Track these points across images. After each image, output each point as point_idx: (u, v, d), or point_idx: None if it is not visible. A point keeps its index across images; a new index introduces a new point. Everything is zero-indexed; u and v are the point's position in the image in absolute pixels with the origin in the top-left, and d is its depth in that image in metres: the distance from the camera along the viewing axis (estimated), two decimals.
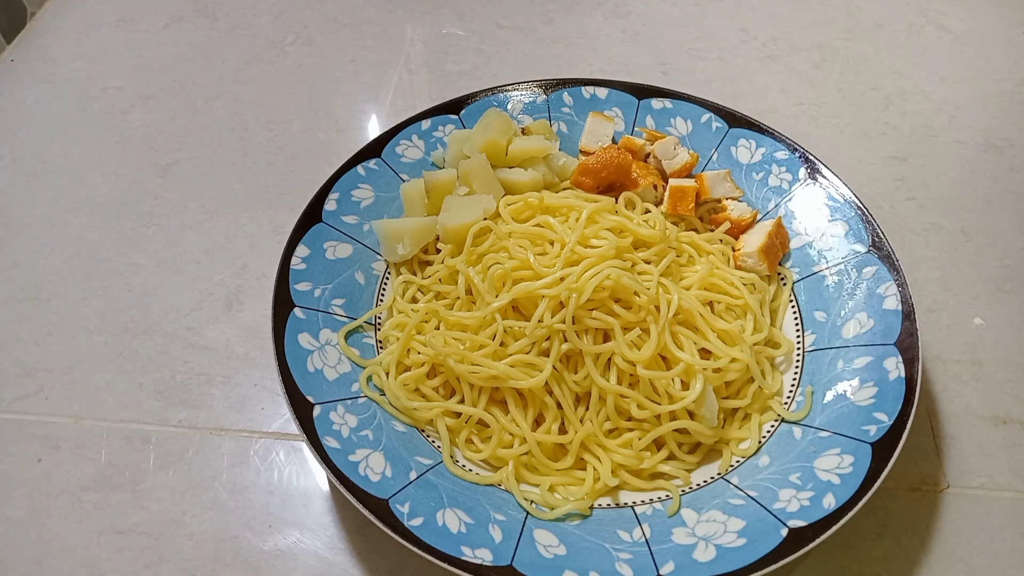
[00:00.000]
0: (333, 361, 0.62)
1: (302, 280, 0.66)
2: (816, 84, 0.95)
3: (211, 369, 0.69)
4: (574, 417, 0.61)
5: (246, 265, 0.77)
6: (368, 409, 0.61)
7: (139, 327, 0.72)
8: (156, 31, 1.01)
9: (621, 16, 1.03)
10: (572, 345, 0.61)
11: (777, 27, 1.02)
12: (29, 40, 1.00)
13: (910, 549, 0.59)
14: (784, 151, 0.74)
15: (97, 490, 0.62)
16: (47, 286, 0.75)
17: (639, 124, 0.79)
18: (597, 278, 0.61)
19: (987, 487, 0.63)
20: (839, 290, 0.66)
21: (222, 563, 0.59)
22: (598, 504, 0.58)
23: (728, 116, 0.77)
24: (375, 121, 0.91)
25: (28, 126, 0.90)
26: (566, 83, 0.81)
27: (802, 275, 0.69)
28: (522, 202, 0.70)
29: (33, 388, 0.68)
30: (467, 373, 0.61)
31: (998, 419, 0.67)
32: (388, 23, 1.02)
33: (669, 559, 0.53)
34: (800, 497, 0.54)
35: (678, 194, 0.72)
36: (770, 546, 0.52)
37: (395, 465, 0.57)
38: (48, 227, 0.80)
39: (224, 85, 0.94)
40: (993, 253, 0.78)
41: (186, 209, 0.82)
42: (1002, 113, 0.92)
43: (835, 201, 0.71)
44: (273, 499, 0.62)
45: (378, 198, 0.73)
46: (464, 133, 0.77)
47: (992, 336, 0.72)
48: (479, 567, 0.51)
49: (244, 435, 0.66)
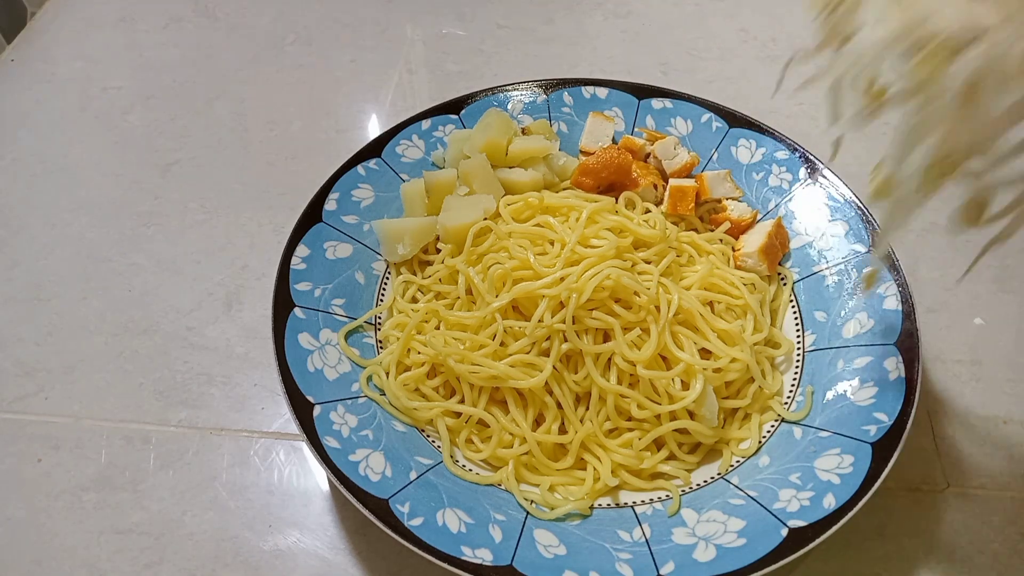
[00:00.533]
0: (333, 361, 0.62)
1: (302, 280, 0.66)
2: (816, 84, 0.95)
3: (211, 369, 0.69)
4: (574, 417, 0.61)
5: (246, 265, 0.77)
6: (368, 409, 0.61)
7: (139, 327, 0.72)
8: (156, 31, 1.01)
9: (621, 16, 1.03)
10: (572, 345, 0.61)
11: (777, 27, 1.02)
12: (29, 40, 1.00)
13: (910, 549, 0.59)
14: (784, 151, 0.74)
15: (97, 490, 0.62)
16: (47, 286, 0.75)
17: (639, 124, 0.79)
18: (597, 278, 0.61)
19: (987, 487, 0.63)
20: (839, 290, 0.66)
21: (222, 563, 0.59)
22: (598, 504, 0.58)
23: (728, 116, 0.77)
24: (375, 121, 0.91)
25: (28, 126, 0.90)
26: (566, 83, 0.81)
27: (802, 275, 0.69)
28: (522, 202, 0.70)
29: (33, 388, 0.68)
30: (467, 373, 0.61)
31: (998, 419, 0.67)
32: (388, 23, 1.02)
33: (669, 559, 0.53)
34: (800, 497, 0.54)
35: (678, 194, 0.72)
36: (770, 546, 0.52)
37: (395, 465, 0.57)
38: (48, 227, 0.80)
39: (224, 85, 0.94)
40: (993, 253, 0.78)
41: (186, 209, 0.82)
42: None
43: (835, 201, 0.71)
44: (273, 499, 0.62)
45: (378, 198, 0.73)
46: (464, 133, 0.77)
47: (992, 336, 0.72)
48: (479, 567, 0.51)
49: (244, 435, 0.66)
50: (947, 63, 0.39)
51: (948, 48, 0.39)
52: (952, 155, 0.41)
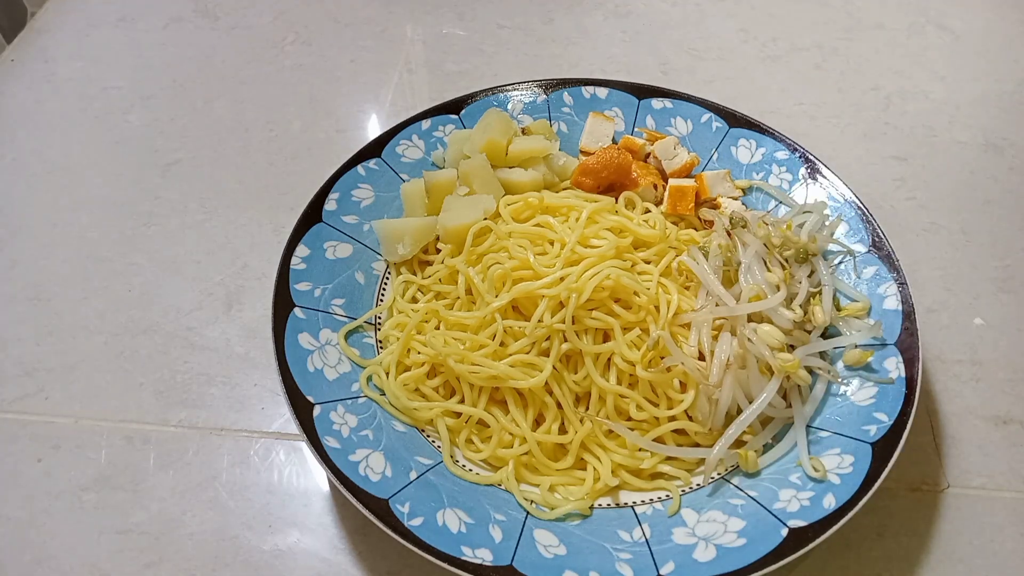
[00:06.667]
0: (333, 361, 0.62)
1: (302, 280, 0.66)
2: (816, 84, 0.95)
3: (211, 369, 0.69)
4: (574, 417, 0.61)
5: (246, 265, 0.77)
6: (368, 409, 0.61)
7: (139, 327, 0.72)
8: (156, 31, 1.01)
9: (621, 16, 1.03)
10: (572, 345, 0.61)
11: (777, 27, 1.02)
12: (29, 40, 1.00)
13: (910, 549, 0.59)
14: (784, 151, 0.74)
15: (97, 490, 0.62)
16: (47, 286, 0.75)
17: (639, 124, 0.79)
18: (597, 278, 0.61)
19: (987, 487, 0.63)
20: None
21: (222, 563, 0.58)
22: (598, 504, 0.58)
23: (728, 116, 0.77)
24: (375, 121, 0.91)
25: (28, 126, 0.90)
26: (566, 83, 0.81)
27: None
28: (522, 202, 0.70)
29: (33, 388, 0.68)
30: (467, 373, 0.61)
31: (998, 419, 0.67)
32: (388, 23, 1.02)
33: (669, 559, 0.53)
34: (800, 497, 0.54)
35: (678, 194, 0.72)
36: (770, 546, 0.52)
37: (395, 465, 0.57)
38: (48, 227, 0.80)
39: (224, 85, 0.94)
40: (993, 253, 0.78)
41: (186, 209, 0.82)
42: (1002, 113, 0.92)
43: (835, 201, 0.71)
44: (273, 499, 0.62)
45: (378, 198, 0.73)
46: (464, 133, 0.77)
47: (992, 336, 0.72)
48: (479, 567, 0.51)
49: (244, 435, 0.66)
50: None
51: None
52: None
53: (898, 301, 0.63)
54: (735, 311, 0.61)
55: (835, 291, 0.65)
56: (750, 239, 0.66)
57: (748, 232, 0.67)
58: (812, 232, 0.67)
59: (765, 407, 0.58)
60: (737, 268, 0.65)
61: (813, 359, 0.61)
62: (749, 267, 0.64)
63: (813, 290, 0.65)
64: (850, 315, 0.64)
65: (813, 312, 0.63)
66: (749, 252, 0.65)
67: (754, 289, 0.62)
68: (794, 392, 0.60)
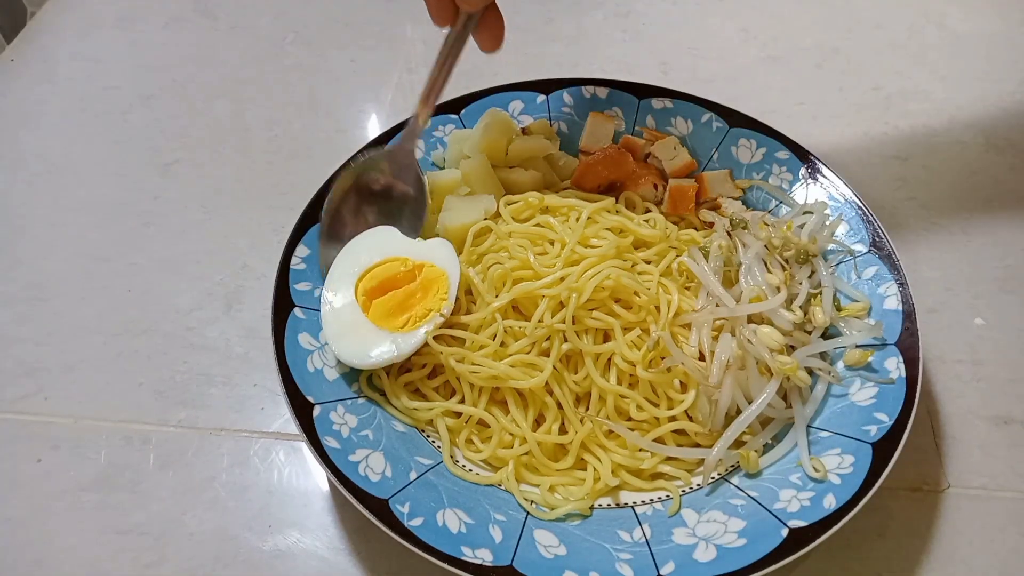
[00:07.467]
0: (333, 361, 0.62)
1: (302, 280, 0.65)
2: (817, 84, 0.95)
3: (211, 369, 0.69)
4: (574, 417, 0.60)
5: (246, 265, 0.77)
6: (368, 409, 0.61)
7: (139, 327, 0.72)
8: (156, 31, 1.01)
9: (621, 16, 1.03)
10: (572, 345, 0.61)
11: (778, 27, 1.02)
12: (29, 40, 1.00)
13: (911, 549, 0.59)
14: (785, 151, 0.74)
15: (97, 490, 0.62)
16: (47, 286, 0.75)
17: (639, 124, 0.79)
18: (597, 278, 0.61)
19: (988, 487, 0.62)
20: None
21: (222, 563, 0.58)
22: (598, 504, 0.58)
23: (728, 116, 0.77)
24: (375, 121, 0.91)
25: (28, 126, 0.90)
26: (566, 83, 0.80)
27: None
28: (522, 202, 0.69)
29: (33, 388, 0.68)
30: (467, 373, 0.61)
31: (999, 419, 0.66)
32: (388, 23, 1.02)
33: (669, 559, 0.53)
34: (800, 497, 0.54)
35: (678, 194, 0.72)
36: (770, 546, 0.52)
37: (395, 465, 0.57)
38: (49, 227, 0.80)
39: (224, 85, 0.94)
40: (993, 253, 0.78)
41: (186, 209, 0.82)
42: (1002, 113, 0.92)
43: (835, 201, 0.70)
44: (273, 499, 0.62)
45: None
46: (464, 133, 0.77)
47: (993, 336, 0.72)
48: (479, 567, 0.51)
49: (244, 435, 0.65)
50: None
51: None
52: None
53: (899, 301, 0.63)
54: (735, 312, 0.61)
55: (835, 291, 0.65)
56: (750, 240, 0.66)
57: (748, 233, 0.67)
58: (812, 233, 0.67)
59: (765, 408, 0.58)
60: (737, 269, 0.65)
61: (813, 360, 0.61)
62: (749, 268, 0.64)
63: (813, 291, 0.65)
64: (850, 315, 0.64)
65: (813, 313, 0.63)
66: (749, 253, 0.65)
67: (754, 290, 0.63)
68: (794, 392, 0.60)
